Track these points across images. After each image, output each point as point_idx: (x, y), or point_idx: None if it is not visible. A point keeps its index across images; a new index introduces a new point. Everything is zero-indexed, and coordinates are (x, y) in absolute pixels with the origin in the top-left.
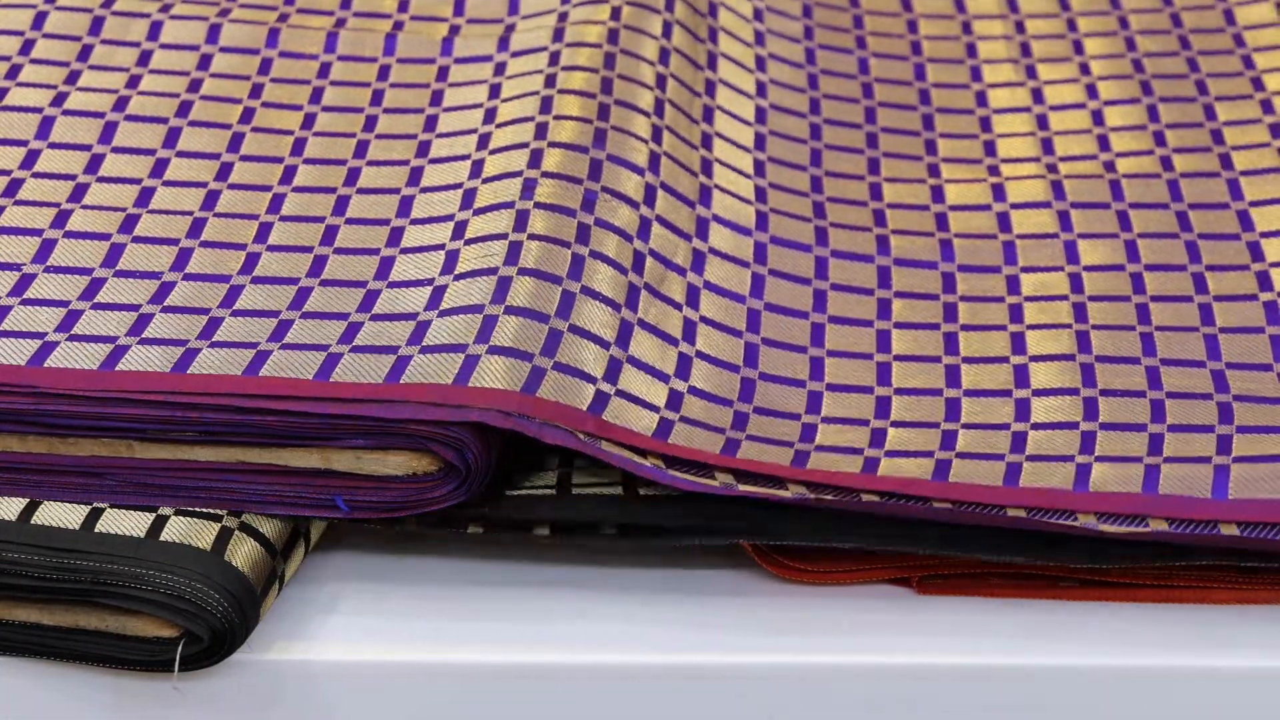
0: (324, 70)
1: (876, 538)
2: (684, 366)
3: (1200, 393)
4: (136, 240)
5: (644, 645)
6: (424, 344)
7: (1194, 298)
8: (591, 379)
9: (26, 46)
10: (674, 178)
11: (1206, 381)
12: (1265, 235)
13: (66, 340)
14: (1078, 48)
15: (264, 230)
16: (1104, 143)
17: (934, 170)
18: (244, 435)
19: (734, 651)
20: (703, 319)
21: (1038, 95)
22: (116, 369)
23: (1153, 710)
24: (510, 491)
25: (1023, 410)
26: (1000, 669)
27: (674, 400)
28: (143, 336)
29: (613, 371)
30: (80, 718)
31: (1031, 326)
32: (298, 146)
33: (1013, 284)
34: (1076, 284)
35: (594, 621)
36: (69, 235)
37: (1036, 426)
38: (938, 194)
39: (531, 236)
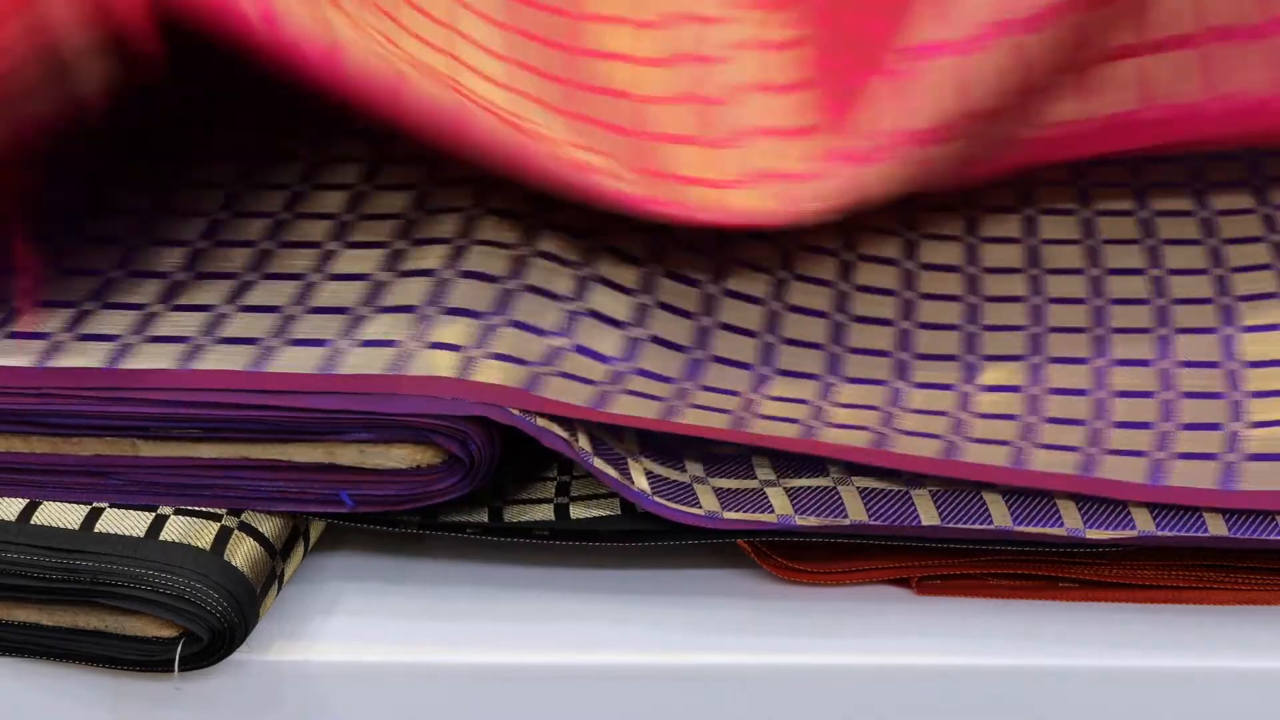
0: None
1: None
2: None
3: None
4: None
5: (644, 645)
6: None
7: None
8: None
9: None
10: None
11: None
12: None
13: (72, 339)
14: None
15: None
16: (1135, 170)
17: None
18: (248, 431)
19: (734, 651)
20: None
21: None
22: (120, 366)
23: (1153, 710)
24: (508, 511)
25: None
26: (1000, 669)
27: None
28: (148, 334)
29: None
30: (80, 718)
31: (986, 327)
32: None
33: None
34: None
35: (593, 621)
36: None
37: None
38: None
39: (539, 254)
